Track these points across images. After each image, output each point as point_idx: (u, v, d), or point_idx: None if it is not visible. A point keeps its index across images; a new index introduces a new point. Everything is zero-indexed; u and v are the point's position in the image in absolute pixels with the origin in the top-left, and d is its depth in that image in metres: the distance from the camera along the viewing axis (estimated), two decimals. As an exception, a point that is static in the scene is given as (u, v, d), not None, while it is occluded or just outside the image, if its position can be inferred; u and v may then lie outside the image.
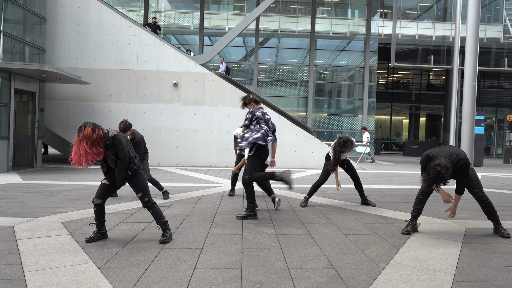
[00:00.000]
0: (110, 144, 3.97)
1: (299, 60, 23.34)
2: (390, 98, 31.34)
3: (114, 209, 5.82)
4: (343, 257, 3.78)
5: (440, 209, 6.42)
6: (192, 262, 3.56)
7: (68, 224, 4.85)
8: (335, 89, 23.62)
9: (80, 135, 3.75)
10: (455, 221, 5.52)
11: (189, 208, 6.06)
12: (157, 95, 13.68)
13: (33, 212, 5.54)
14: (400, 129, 34.85)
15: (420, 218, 5.60)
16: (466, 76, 9.64)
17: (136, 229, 4.71)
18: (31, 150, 12.05)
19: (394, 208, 6.50)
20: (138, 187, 4.17)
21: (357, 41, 23.05)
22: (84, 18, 13.36)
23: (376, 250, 4.05)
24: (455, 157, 4.36)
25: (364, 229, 4.96)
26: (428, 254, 3.92)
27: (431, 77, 32.18)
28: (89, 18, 13.38)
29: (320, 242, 4.28)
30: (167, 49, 13.71)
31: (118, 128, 6.30)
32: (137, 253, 3.79)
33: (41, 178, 9.42)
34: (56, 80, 12.18)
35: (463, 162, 4.37)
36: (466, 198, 7.56)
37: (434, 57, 24.45)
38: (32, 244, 4.00)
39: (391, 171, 13.72)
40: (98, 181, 9.17)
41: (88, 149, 3.74)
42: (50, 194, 7.09)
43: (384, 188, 9.04)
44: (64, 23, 13.29)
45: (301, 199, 7.14)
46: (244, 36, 22.65)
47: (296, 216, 5.65)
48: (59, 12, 13.26)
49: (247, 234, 4.59)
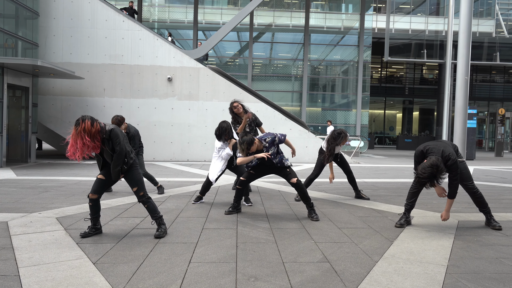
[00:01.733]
0: (107, 138, 3.94)
1: (293, 55, 23.30)
2: (383, 93, 31.43)
3: (109, 204, 5.79)
4: (337, 251, 3.79)
5: (433, 202, 6.45)
6: (187, 256, 3.55)
7: (62, 220, 4.82)
8: (329, 83, 23.62)
9: (78, 128, 3.70)
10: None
11: (184, 203, 6.04)
12: (151, 90, 13.60)
13: (27, 207, 5.50)
14: (394, 123, 34.99)
15: (413, 211, 5.63)
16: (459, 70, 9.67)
17: (131, 224, 4.69)
18: (24, 146, 11.95)
19: (388, 201, 6.53)
20: (134, 182, 4.15)
21: (351, 35, 23.03)
22: (77, 12, 13.21)
23: (370, 243, 4.07)
24: (446, 157, 4.36)
25: (358, 222, 4.98)
26: (421, 247, 3.94)
27: (424, 71, 32.29)
28: (82, 12, 13.23)
29: (314, 236, 4.29)
30: (161, 44, 13.61)
31: (111, 123, 6.27)
32: (132, 248, 3.77)
33: (35, 174, 9.35)
34: (49, 75, 12.06)
35: (452, 163, 4.36)
36: (459, 191, 7.62)
37: (427, 51, 24.52)
38: (26, 239, 3.97)
39: (384, 165, 13.77)
40: (93, 176, 9.12)
41: (88, 142, 3.71)
42: (44, 190, 7.04)
43: (377, 182, 9.07)
44: (57, 17, 13.13)
45: (295, 193, 7.14)
46: (238, 31, 22.55)
47: (290, 210, 5.66)
48: (51, 7, 13.10)
49: (241, 228, 4.59)
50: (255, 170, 5.28)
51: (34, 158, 12.29)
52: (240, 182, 5.32)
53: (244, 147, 4.86)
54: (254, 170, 5.28)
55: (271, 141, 5.13)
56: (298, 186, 5.10)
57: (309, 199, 5.16)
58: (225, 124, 5.77)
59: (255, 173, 5.30)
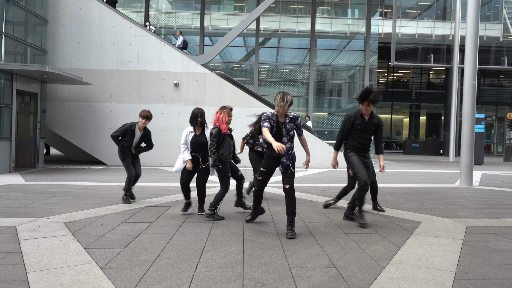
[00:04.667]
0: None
1: (299, 60, 23.33)
2: (390, 97, 31.32)
3: (116, 210, 5.82)
4: (344, 256, 3.77)
5: (441, 208, 6.41)
6: (193, 261, 3.56)
7: (70, 225, 4.85)
8: (335, 88, 23.60)
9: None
10: (456, 219, 5.51)
11: (190, 208, 6.05)
12: (158, 95, 13.68)
13: (35, 212, 5.54)
14: (401, 128, 34.82)
15: (420, 216, 5.60)
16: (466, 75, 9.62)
17: (138, 229, 4.71)
18: (33, 151, 12.06)
19: (395, 206, 6.49)
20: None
21: (357, 40, 23.02)
22: (85, 19, 13.36)
23: (377, 248, 4.04)
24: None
25: (365, 228, 4.95)
26: (429, 253, 3.92)
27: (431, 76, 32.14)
28: (90, 19, 13.38)
29: (321, 241, 4.28)
30: (168, 49, 13.71)
31: (141, 115, 6.22)
32: (139, 253, 3.79)
33: (43, 179, 9.42)
34: (57, 81, 12.19)
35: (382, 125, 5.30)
36: (467, 196, 7.56)
37: (434, 55, 24.41)
38: (35, 244, 4.00)
39: (391, 170, 13.70)
40: (100, 181, 9.18)
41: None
42: (52, 195, 7.10)
43: (385, 187, 9.03)
44: (65, 24, 13.29)
45: (303, 198, 7.14)
46: (245, 36, 22.64)
47: (297, 216, 5.64)
48: (60, 13, 13.26)
49: (248, 233, 4.59)
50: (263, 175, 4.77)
51: (42, 163, 12.39)
52: (255, 194, 4.89)
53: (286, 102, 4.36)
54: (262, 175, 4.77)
55: (295, 117, 4.58)
56: (289, 194, 4.55)
57: (294, 213, 4.57)
58: (197, 109, 5.53)
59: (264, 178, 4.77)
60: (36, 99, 12.01)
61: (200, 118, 5.49)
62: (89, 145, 13.45)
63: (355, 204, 5.24)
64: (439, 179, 11.07)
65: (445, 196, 7.68)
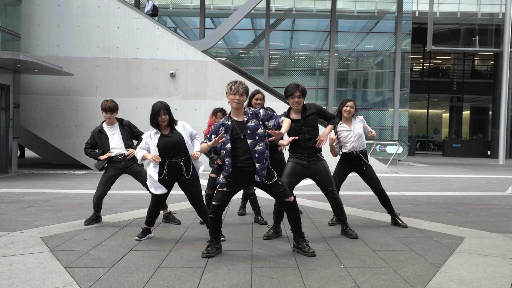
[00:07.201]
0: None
1: (317, 45, 23.28)
2: (426, 88, 31.11)
3: (101, 222, 5.85)
4: (372, 278, 3.75)
5: (489, 221, 6.34)
6: (193, 283, 3.56)
7: (48, 240, 4.89)
8: (360, 78, 23.51)
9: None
10: (507, 234, 5.44)
11: (189, 220, 6.07)
12: (151, 87, 13.76)
13: (7, 225, 5.60)
14: (439, 125, 34.60)
15: (464, 231, 5.54)
16: (519, 61, 9.52)
17: (128, 244, 4.73)
18: (4, 153, 12.17)
19: (433, 219, 6.44)
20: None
21: (387, 21, 22.91)
22: (66, -2, 13.48)
23: (411, 269, 4.01)
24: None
25: (396, 244, 4.92)
26: (474, 275, 3.87)
27: (476, 63, 31.87)
28: (71, -2, 13.50)
29: (344, 260, 4.26)
30: (163, 33, 13.78)
31: (102, 108, 5.60)
32: (128, 273, 3.80)
33: (17, 186, 9.52)
34: (33, 71, 12.30)
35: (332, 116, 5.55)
36: (520, 207, 7.47)
37: (479, 38, 24.18)
38: (6, 263, 4.04)
39: (428, 175, 13.60)
40: (83, 188, 9.25)
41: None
42: (27, 205, 7.16)
43: (420, 195, 8.97)
44: (41, 4, 13.41)
45: (319, 208, 7.11)
46: (253, 17, 22.66)
47: (315, 229, 5.63)
48: (36, -8, 13.40)
49: (257, 250, 4.58)
50: (228, 186, 4.27)
51: (15, 168, 12.52)
52: (211, 209, 4.32)
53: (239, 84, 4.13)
54: (227, 186, 4.27)
55: (255, 112, 4.26)
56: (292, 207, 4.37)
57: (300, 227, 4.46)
58: (159, 104, 4.99)
59: (230, 191, 4.29)
60: (8, 93, 12.13)
61: (164, 115, 4.91)
62: (70, 146, 13.56)
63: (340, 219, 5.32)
64: (486, 186, 10.96)
65: (494, 207, 7.61)
